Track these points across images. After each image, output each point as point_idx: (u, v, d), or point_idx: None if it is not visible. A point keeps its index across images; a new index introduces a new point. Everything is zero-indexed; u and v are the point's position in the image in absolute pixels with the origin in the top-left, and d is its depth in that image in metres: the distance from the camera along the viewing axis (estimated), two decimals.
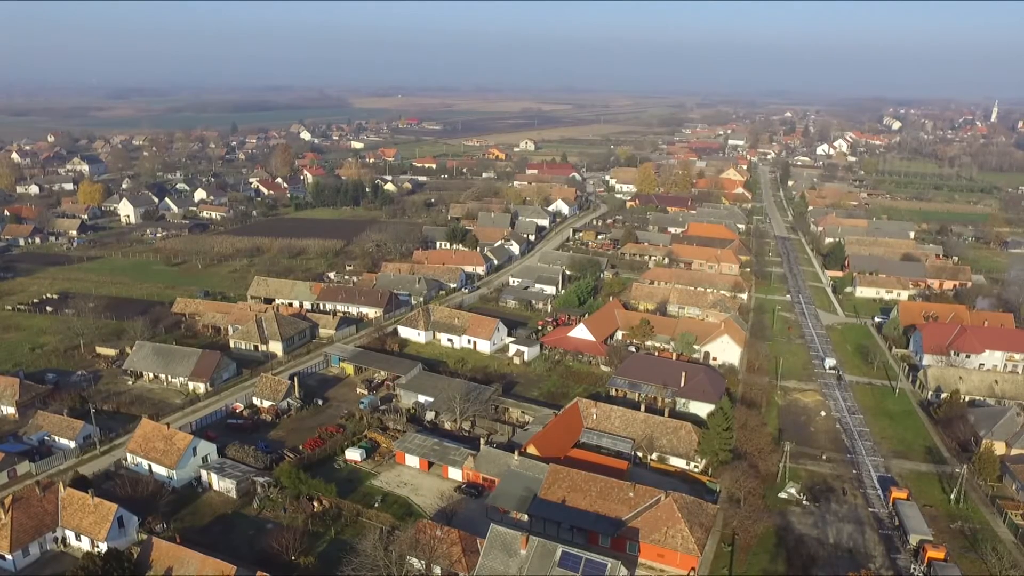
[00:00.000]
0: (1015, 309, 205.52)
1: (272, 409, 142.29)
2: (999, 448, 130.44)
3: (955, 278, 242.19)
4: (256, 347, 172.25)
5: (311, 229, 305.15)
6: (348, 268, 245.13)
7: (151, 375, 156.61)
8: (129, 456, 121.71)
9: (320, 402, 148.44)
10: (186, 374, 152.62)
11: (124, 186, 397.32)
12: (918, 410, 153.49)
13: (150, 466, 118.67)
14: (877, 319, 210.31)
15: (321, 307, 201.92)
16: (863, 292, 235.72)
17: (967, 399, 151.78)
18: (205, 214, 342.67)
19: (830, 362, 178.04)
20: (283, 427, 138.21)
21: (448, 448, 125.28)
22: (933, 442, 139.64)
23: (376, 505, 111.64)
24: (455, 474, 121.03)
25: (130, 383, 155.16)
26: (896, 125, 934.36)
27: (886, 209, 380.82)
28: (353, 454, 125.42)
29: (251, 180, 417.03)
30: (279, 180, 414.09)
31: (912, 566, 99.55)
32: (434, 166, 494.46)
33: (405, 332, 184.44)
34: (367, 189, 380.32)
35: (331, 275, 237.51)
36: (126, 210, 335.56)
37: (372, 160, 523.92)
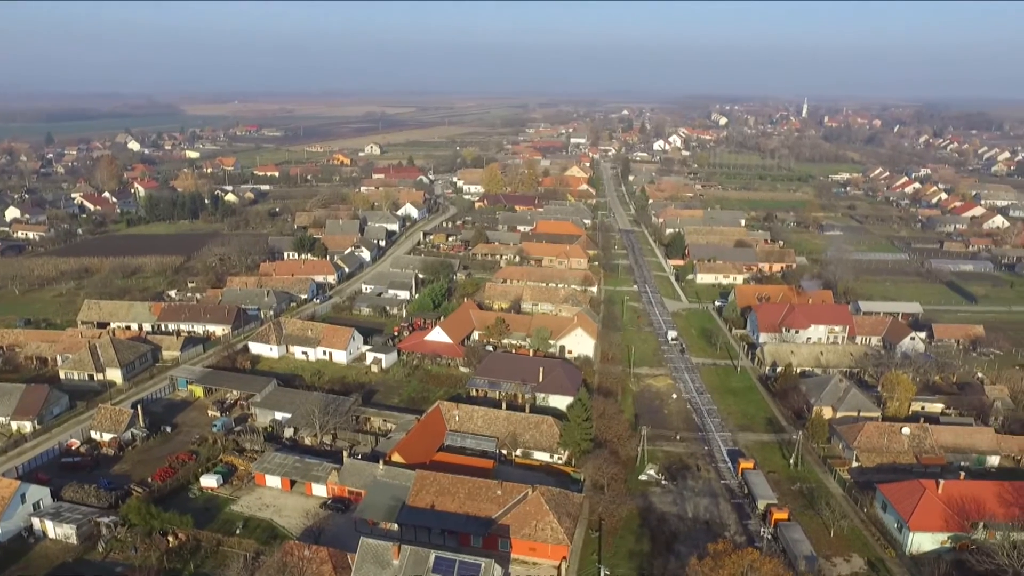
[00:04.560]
0: (833, 286, 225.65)
1: (114, 442, 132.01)
2: (827, 413, 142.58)
3: (782, 261, 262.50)
4: (91, 376, 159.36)
5: (146, 246, 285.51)
6: (190, 285, 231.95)
7: None
8: None
9: (168, 429, 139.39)
10: (8, 413, 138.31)
11: None
12: (758, 385, 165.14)
13: None
14: (717, 303, 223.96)
15: (163, 328, 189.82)
16: (703, 278, 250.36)
17: (799, 371, 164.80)
18: (20, 234, 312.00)
19: (672, 334, 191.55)
20: (128, 460, 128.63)
21: (310, 464, 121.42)
22: (772, 413, 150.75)
23: (238, 532, 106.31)
24: (319, 490, 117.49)
25: None
26: (723, 121, 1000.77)
27: (719, 199, 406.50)
28: (209, 480, 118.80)
29: (73, 195, 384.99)
30: (106, 194, 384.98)
31: (761, 529, 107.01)
32: (277, 174, 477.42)
33: (256, 348, 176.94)
34: (206, 201, 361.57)
35: (172, 293, 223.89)
36: None
37: (210, 170, 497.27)
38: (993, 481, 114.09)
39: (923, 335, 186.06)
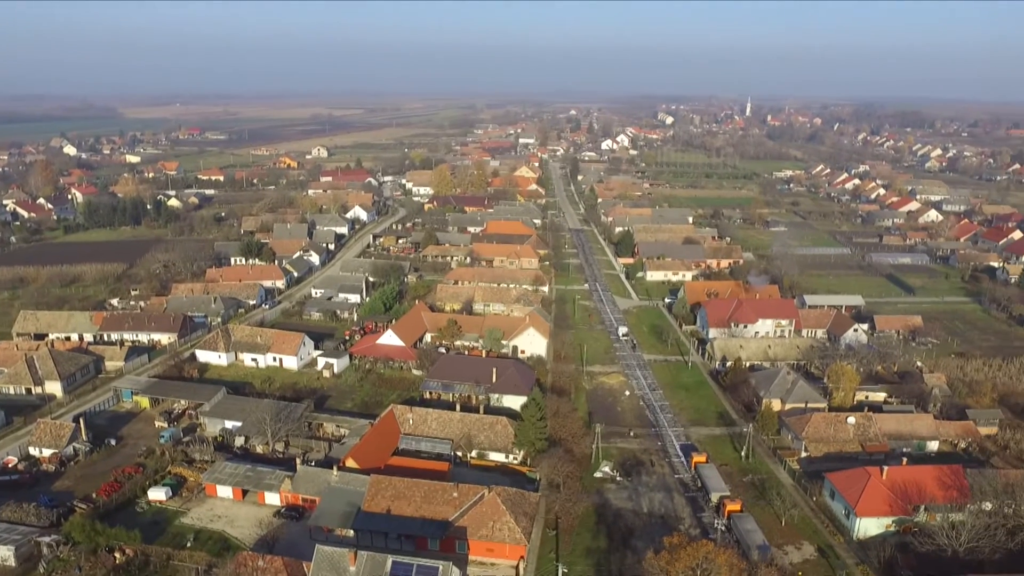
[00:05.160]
0: (779, 281, 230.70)
1: (55, 457, 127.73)
2: (776, 405, 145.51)
3: (729, 257, 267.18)
4: (29, 390, 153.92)
5: (86, 253, 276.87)
6: (133, 293, 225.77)
7: None
8: None
9: (113, 442, 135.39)
10: None
11: None
12: (709, 380, 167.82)
13: None
14: (667, 300, 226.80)
15: (106, 338, 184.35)
16: (653, 276, 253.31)
17: (748, 365, 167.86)
18: None
19: (622, 330, 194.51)
20: (70, 476, 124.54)
21: (263, 473, 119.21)
22: (723, 407, 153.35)
23: (188, 545, 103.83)
24: (272, 499, 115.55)
25: None
26: (669, 120, 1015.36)
27: (666, 198, 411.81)
28: (157, 493, 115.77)
29: (5, 202, 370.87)
30: (41, 201, 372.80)
31: (715, 521, 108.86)
32: (222, 178, 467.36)
33: (204, 356, 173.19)
34: (148, 206, 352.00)
35: (114, 302, 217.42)
36: None
37: (151, 175, 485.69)
38: (933, 465, 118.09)
39: (866, 327, 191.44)
